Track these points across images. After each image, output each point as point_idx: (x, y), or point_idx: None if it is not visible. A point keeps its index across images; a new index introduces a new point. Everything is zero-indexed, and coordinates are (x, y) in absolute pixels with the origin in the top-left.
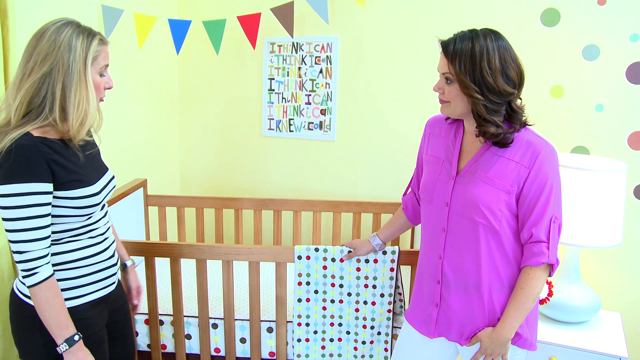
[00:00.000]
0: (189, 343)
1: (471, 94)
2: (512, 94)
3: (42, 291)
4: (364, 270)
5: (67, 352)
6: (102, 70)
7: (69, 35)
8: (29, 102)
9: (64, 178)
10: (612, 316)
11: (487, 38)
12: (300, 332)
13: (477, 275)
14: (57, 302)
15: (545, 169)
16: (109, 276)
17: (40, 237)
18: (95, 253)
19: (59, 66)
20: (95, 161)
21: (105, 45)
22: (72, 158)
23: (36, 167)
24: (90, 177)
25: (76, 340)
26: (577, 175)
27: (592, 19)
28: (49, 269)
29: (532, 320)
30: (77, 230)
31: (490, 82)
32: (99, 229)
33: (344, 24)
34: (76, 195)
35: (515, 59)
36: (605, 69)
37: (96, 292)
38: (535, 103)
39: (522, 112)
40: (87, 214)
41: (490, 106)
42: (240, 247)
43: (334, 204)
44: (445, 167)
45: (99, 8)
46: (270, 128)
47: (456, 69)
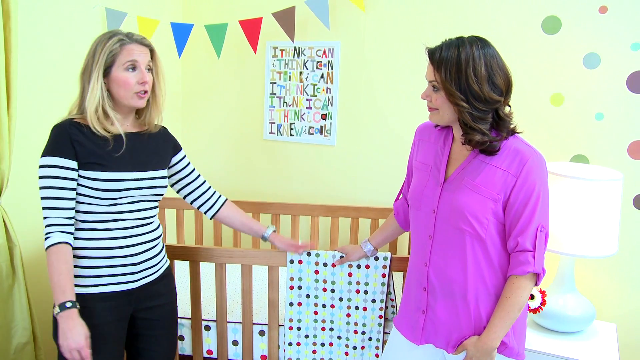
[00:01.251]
0: (181, 344)
1: (457, 102)
2: (498, 102)
3: (51, 254)
4: (356, 275)
5: (58, 315)
6: (127, 65)
7: (97, 42)
8: (78, 99)
9: (84, 158)
10: (607, 327)
11: (474, 45)
12: (291, 336)
13: (463, 283)
14: (61, 267)
15: (533, 177)
16: (129, 273)
17: (58, 206)
18: (115, 246)
19: (86, 70)
20: (141, 156)
21: (130, 43)
22: (100, 144)
23: (61, 144)
24: (116, 165)
25: (68, 307)
26: (573, 184)
27: (593, 27)
28: (62, 237)
29: (519, 329)
30: (100, 215)
31: (475, 89)
32: (125, 222)
33: (346, 30)
34: (94, 177)
35: (502, 66)
36: (606, 78)
37: (107, 286)
38: (535, 111)
39: (509, 120)
40: (108, 198)
41: (475, 114)
42: (233, 250)
43: (332, 209)
44: (433, 174)
45: (102, 11)
46: (272, 132)
47: (442, 77)
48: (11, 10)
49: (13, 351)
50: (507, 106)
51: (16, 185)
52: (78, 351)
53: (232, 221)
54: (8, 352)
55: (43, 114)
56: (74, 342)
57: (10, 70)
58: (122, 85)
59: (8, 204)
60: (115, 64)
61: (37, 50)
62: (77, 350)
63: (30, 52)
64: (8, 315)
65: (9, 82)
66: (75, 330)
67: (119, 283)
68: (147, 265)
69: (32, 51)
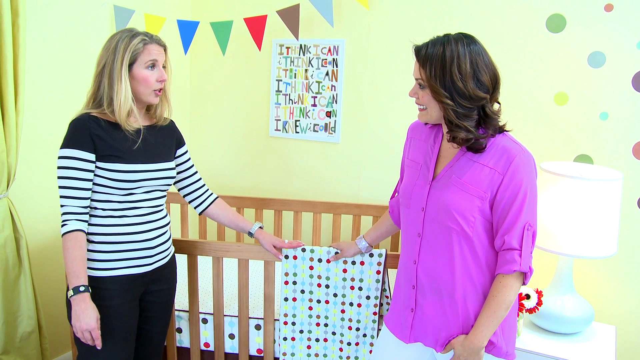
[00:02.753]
0: (179, 337)
1: (441, 99)
2: (484, 99)
3: (67, 241)
4: (350, 272)
5: (72, 298)
6: (148, 64)
7: (117, 39)
8: (93, 94)
9: (103, 151)
10: (606, 329)
11: (459, 42)
12: (286, 331)
13: (450, 282)
14: (75, 253)
15: (520, 175)
16: (143, 257)
17: (75, 196)
18: (131, 232)
19: (107, 65)
20: (154, 149)
21: (151, 43)
22: (117, 138)
23: (80, 137)
24: (132, 157)
25: (81, 291)
26: (572, 184)
27: (598, 26)
28: (78, 225)
29: (507, 328)
30: (117, 204)
31: (460, 86)
32: (140, 210)
33: (350, 27)
34: (112, 168)
35: (488, 63)
36: (611, 77)
37: (125, 269)
38: (539, 110)
39: (496, 117)
40: (125, 189)
41: (460, 111)
42: (229, 244)
43: (334, 206)
44: (423, 172)
45: (110, 8)
46: (277, 129)
47: (427, 74)
48: (19, 7)
49: (19, 339)
50: (497, 103)
51: (23, 178)
52: (89, 332)
53: (219, 218)
54: (14, 340)
55: (50, 108)
56: (85, 323)
57: (18, 66)
58: (143, 83)
59: (15, 196)
60: (137, 62)
61: (46, 46)
62: (88, 331)
63: (38, 48)
64: (14, 305)
65: (16, 77)
66: (87, 312)
67: (136, 266)
68: (160, 250)
69: (40, 47)
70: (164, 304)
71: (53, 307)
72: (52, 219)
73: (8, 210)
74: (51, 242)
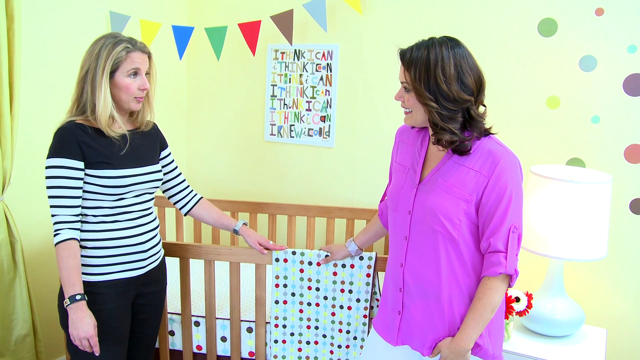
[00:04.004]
0: (172, 339)
1: (426, 102)
2: (468, 101)
3: (60, 250)
4: (340, 275)
5: (69, 307)
6: (130, 72)
7: (100, 45)
8: (76, 100)
9: (92, 158)
10: (596, 332)
11: (443, 46)
12: (277, 334)
13: (436, 285)
14: (70, 262)
15: (505, 178)
16: (136, 261)
17: (66, 204)
18: (123, 236)
19: (90, 71)
20: (140, 153)
21: (134, 51)
22: (104, 144)
23: (67, 145)
24: (121, 162)
25: (77, 300)
26: (561, 187)
27: (590, 30)
28: (71, 234)
29: (494, 331)
30: (108, 209)
31: (444, 89)
32: (132, 214)
33: (344, 32)
34: (102, 175)
35: (473, 66)
36: (602, 80)
37: (118, 274)
38: (531, 113)
39: (481, 120)
40: (115, 194)
41: (445, 113)
42: (221, 247)
43: (328, 210)
44: (410, 175)
45: (106, 14)
46: (272, 134)
47: (412, 77)
48: (15, 13)
49: (13, 342)
50: (482, 106)
51: (18, 182)
52: (87, 339)
53: (204, 217)
54: (9, 344)
55: (46, 113)
56: (83, 331)
57: (13, 71)
58: (125, 90)
59: (10, 200)
60: (119, 70)
61: (42, 52)
62: (86, 338)
63: (34, 53)
64: (9, 308)
65: (12, 82)
66: (84, 320)
67: (129, 270)
68: (152, 252)
69: (36, 53)
70: (156, 306)
71: (48, 310)
72: (47, 223)
73: (3, 214)
74: (46, 245)
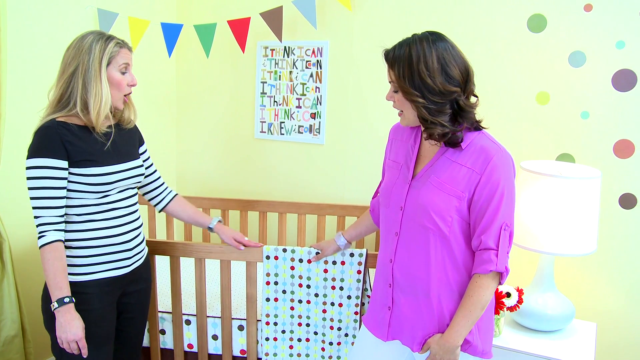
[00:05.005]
0: (162, 338)
1: (412, 98)
2: (454, 92)
3: (46, 253)
4: (331, 272)
5: (56, 310)
6: (122, 68)
7: (90, 40)
8: (60, 96)
9: (76, 157)
10: (586, 326)
11: (424, 41)
12: (268, 331)
13: (426, 281)
14: (56, 265)
15: (497, 175)
16: (121, 259)
17: (51, 205)
18: (109, 235)
19: (81, 66)
20: (122, 149)
21: (123, 47)
22: (89, 141)
23: (52, 145)
24: (106, 160)
25: (65, 302)
26: (551, 182)
27: (579, 26)
28: (56, 235)
29: (484, 327)
30: (93, 207)
31: (429, 83)
32: (117, 211)
33: (334, 29)
34: (87, 173)
35: (457, 57)
36: (591, 76)
37: (104, 272)
38: (521, 109)
39: (471, 110)
40: (100, 192)
41: (432, 107)
42: (211, 245)
43: (319, 207)
44: (403, 172)
45: (94, 11)
46: (262, 131)
47: (396, 76)
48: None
49: (2, 343)
50: (474, 96)
51: (5, 182)
52: (76, 342)
53: (179, 214)
54: None
55: (33, 111)
56: (72, 334)
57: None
58: (116, 86)
59: None
60: (111, 65)
61: (28, 50)
62: (75, 341)
63: (20, 51)
64: None
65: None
66: (73, 323)
67: (115, 269)
68: (138, 250)
69: (22, 51)
70: (142, 304)
71: (37, 311)
72: None
73: None
74: (35, 245)
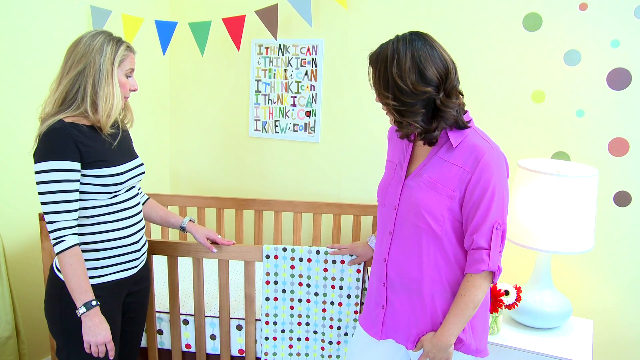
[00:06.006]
0: (160, 338)
1: (383, 100)
2: (426, 92)
3: (67, 257)
4: (331, 270)
5: (84, 315)
6: (127, 72)
7: (102, 41)
8: (65, 95)
9: (89, 158)
10: (583, 323)
11: (401, 41)
12: (267, 331)
13: (419, 280)
14: (79, 268)
15: (488, 173)
16: (131, 260)
17: (68, 209)
18: (119, 237)
19: (91, 66)
20: (125, 148)
21: (132, 52)
22: (98, 142)
23: (65, 147)
24: (115, 159)
25: (93, 305)
26: (548, 180)
27: (574, 24)
28: (75, 239)
29: (478, 326)
30: (103, 208)
31: (399, 83)
32: (126, 212)
33: (329, 27)
34: (100, 174)
35: (435, 56)
36: (586, 75)
37: (114, 274)
38: (517, 108)
39: (448, 110)
40: (111, 192)
41: (402, 108)
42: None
43: (315, 205)
44: (397, 171)
45: (87, 8)
46: (257, 129)
47: (373, 77)
48: None
49: None
50: (460, 95)
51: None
52: (104, 345)
53: (151, 217)
54: None
55: (25, 109)
56: (102, 337)
57: None
58: (121, 89)
59: None
60: (120, 68)
61: (20, 47)
62: (104, 344)
63: (12, 49)
64: None
65: None
66: (102, 326)
67: (125, 270)
68: (144, 250)
69: (14, 48)
70: (143, 304)
71: (31, 312)
72: (29, 222)
73: None
74: (28, 245)
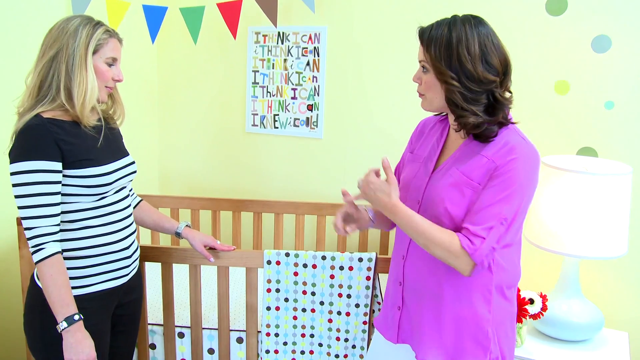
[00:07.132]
0: (153, 353)
1: (446, 80)
2: (493, 82)
3: (47, 267)
4: (338, 277)
5: (65, 330)
6: (108, 60)
7: (77, 24)
8: (41, 84)
9: (72, 157)
10: (617, 335)
11: (466, 24)
12: (269, 343)
13: (436, 282)
14: (60, 279)
15: (516, 167)
16: (121, 268)
17: (48, 214)
18: (107, 242)
19: (64, 50)
20: (113, 145)
21: (113, 37)
22: (82, 138)
23: (44, 145)
24: (102, 158)
25: (76, 320)
26: (577, 179)
27: (603, 7)
28: (56, 247)
29: (503, 335)
30: (89, 212)
31: (469, 68)
32: (115, 215)
33: (333, 13)
34: (85, 174)
35: (498, 45)
36: (617, 63)
37: (103, 284)
38: (538, 100)
39: (507, 103)
40: (98, 194)
41: (467, 94)
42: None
43: (318, 207)
44: (425, 165)
45: None
46: (254, 124)
47: (431, 55)
48: None
49: None
50: (508, 92)
51: None
52: None
53: (144, 220)
54: None
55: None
56: (85, 355)
57: None
58: (100, 76)
59: None
60: (98, 54)
61: None
62: None
63: None
64: None
65: None
66: (85, 342)
67: (114, 279)
68: (135, 256)
69: None
70: (134, 317)
71: (5, 319)
72: (5, 226)
73: None
74: (6, 253)
